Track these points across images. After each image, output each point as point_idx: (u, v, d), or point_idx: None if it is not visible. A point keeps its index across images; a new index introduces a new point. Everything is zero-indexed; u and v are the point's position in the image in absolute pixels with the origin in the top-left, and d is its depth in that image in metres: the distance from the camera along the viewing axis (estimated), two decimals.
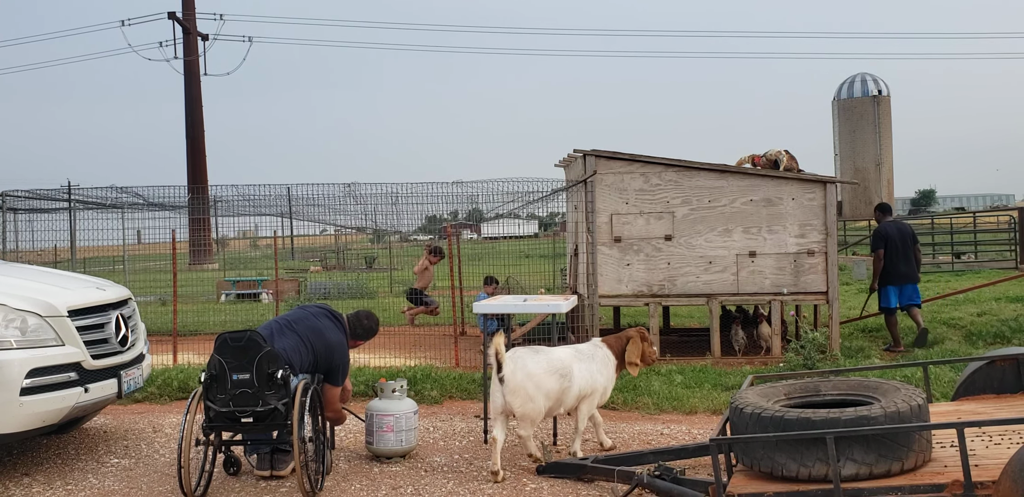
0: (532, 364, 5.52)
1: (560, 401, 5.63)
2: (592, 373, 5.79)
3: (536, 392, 5.47)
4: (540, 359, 5.58)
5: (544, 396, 5.51)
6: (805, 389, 4.80)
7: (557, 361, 5.62)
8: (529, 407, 5.48)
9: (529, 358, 5.56)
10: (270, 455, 5.61)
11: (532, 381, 5.47)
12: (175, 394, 8.43)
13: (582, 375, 5.71)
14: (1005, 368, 5.38)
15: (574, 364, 5.70)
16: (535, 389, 5.47)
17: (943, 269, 20.66)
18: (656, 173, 9.71)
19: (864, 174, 38.27)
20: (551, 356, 5.65)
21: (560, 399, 5.62)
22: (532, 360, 5.55)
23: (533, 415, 5.52)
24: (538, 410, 5.51)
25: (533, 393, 5.46)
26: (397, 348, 11.08)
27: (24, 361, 5.37)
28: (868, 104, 40.45)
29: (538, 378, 5.49)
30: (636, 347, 6.00)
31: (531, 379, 5.47)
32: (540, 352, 5.70)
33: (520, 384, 5.45)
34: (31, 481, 5.68)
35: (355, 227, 16.97)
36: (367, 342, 6.22)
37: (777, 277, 9.57)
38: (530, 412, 5.50)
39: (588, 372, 5.76)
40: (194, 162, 39.47)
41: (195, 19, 40.23)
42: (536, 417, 5.55)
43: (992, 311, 11.87)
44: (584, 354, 5.85)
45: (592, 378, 5.77)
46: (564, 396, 5.62)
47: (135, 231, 14.06)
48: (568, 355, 5.76)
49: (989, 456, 4.18)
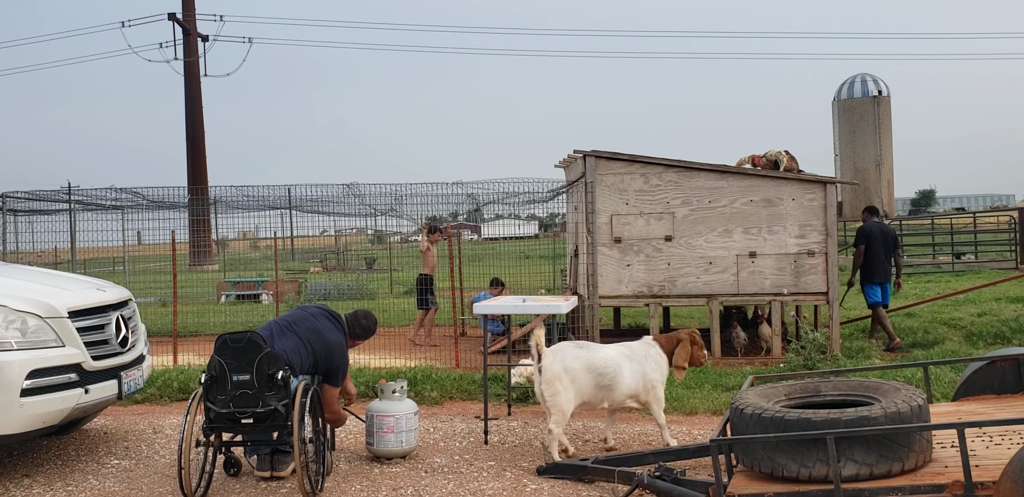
0: (571, 358, 5.68)
1: (599, 398, 5.76)
2: (645, 372, 5.89)
3: (569, 386, 5.62)
4: (581, 355, 5.73)
5: (576, 391, 5.65)
6: (805, 390, 4.80)
7: (600, 359, 5.75)
8: (559, 399, 5.61)
9: (570, 352, 5.74)
10: (270, 456, 5.61)
11: (568, 375, 5.63)
12: (175, 395, 8.43)
13: (633, 376, 5.82)
14: (1005, 368, 5.38)
15: (623, 363, 5.81)
16: (569, 382, 5.63)
17: (943, 269, 20.66)
18: (656, 174, 9.72)
19: (864, 174, 38.28)
20: (595, 354, 5.79)
21: (597, 396, 5.75)
22: (572, 355, 5.71)
23: (562, 406, 5.63)
24: (567, 403, 5.63)
25: (566, 385, 5.62)
26: (397, 349, 11.09)
27: (24, 362, 5.36)
28: (868, 104, 40.45)
29: (574, 372, 5.64)
30: (685, 350, 6.08)
31: (567, 372, 5.63)
32: (584, 348, 5.85)
33: (556, 375, 5.62)
34: (31, 482, 5.68)
35: (355, 228, 16.98)
36: (366, 342, 6.23)
37: (777, 278, 9.57)
38: (560, 403, 5.62)
39: (640, 371, 5.87)
40: (194, 163, 39.51)
41: (195, 20, 40.27)
42: (565, 409, 5.65)
43: (992, 311, 11.87)
44: (637, 353, 5.95)
45: (645, 376, 5.88)
46: (604, 393, 5.75)
47: (135, 232, 14.05)
48: (617, 354, 5.87)
49: (990, 456, 4.18)
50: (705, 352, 6.29)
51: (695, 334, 6.23)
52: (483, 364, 6.90)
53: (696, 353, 6.14)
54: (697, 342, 6.17)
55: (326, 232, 22.16)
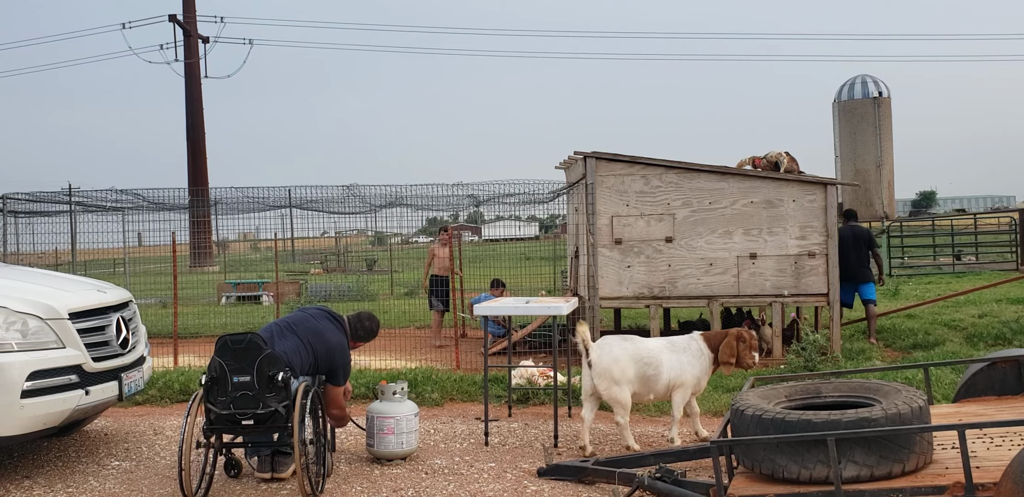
0: (618, 350, 6.00)
1: (647, 387, 6.01)
2: (683, 364, 6.08)
3: (621, 376, 5.94)
4: (627, 346, 6.03)
5: (628, 381, 5.93)
6: (806, 391, 4.80)
7: (644, 350, 6.03)
8: (614, 390, 5.95)
9: (616, 345, 6.05)
10: (271, 457, 5.60)
11: (617, 366, 5.94)
12: (176, 396, 8.43)
13: (671, 365, 6.04)
14: (1006, 370, 5.38)
15: (663, 354, 6.05)
16: (620, 373, 5.93)
17: (944, 271, 20.65)
18: (657, 175, 9.71)
19: (865, 176, 38.16)
20: (639, 345, 6.07)
21: (646, 385, 6.00)
22: (619, 347, 6.02)
23: (619, 398, 5.95)
24: (623, 393, 5.95)
25: (618, 377, 5.93)
26: (398, 350, 11.09)
27: (25, 364, 5.37)
28: (869, 106, 40.34)
29: (623, 363, 5.94)
30: (729, 347, 6.16)
31: (616, 364, 5.94)
32: (628, 340, 6.12)
33: (606, 368, 5.94)
34: (32, 484, 5.68)
35: (356, 229, 16.98)
36: (367, 344, 6.23)
37: (778, 279, 9.57)
38: (616, 395, 5.95)
39: (679, 363, 6.07)
40: (195, 164, 39.52)
41: (196, 21, 40.29)
42: (623, 400, 5.96)
43: (993, 313, 11.85)
44: (677, 346, 6.16)
45: (682, 369, 6.07)
46: (650, 383, 6.01)
47: (136, 233, 14.06)
48: (659, 346, 6.13)
49: (990, 458, 4.17)
50: (755, 354, 6.27)
51: (744, 333, 6.23)
52: (484, 365, 6.90)
53: (742, 352, 6.15)
54: (746, 341, 6.17)
55: (326, 233, 22.18)
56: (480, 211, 13.40)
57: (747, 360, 6.18)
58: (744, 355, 6.17)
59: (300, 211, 13.25)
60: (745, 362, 6.18)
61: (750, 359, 6.20)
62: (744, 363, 6.19)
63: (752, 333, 6.28)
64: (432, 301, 11.95)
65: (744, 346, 6.16)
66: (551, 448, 6.21)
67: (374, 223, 14.38)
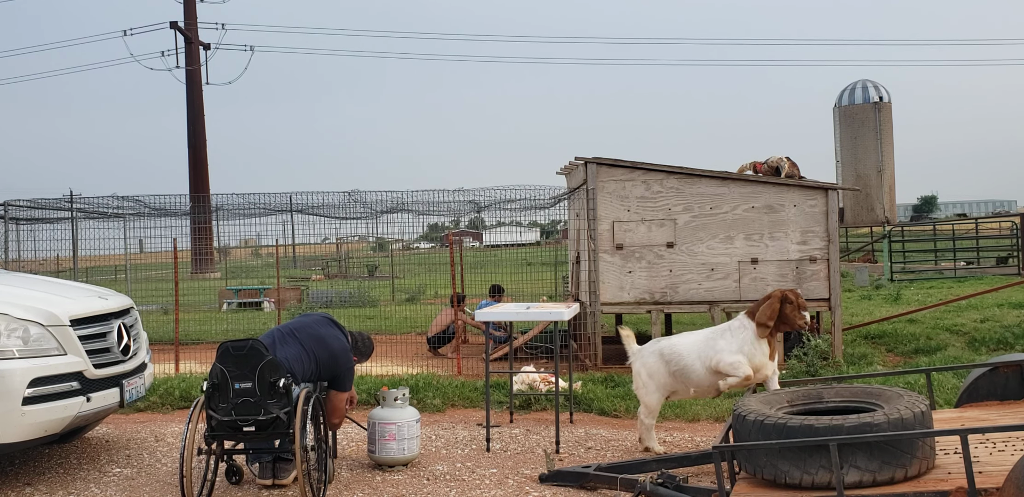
0: (647, 353, 6.08)
1: (681, 384, 5.96)
2: (715, 347, 5.78)
3: (648, 379, 6.03)
4: (657, 348, 6.05)
5: (658, 384, 6.01)
6: (808, 396, 4.79)
7: (668, 347, 6.00)
8: (641, 392, 6.10)
9: (648, 348, 6.12)
10: (272, 464, 5.60)
11: (646, 369, 6.04)
12: (177, 403, 8.42)
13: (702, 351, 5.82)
14: (1008, 374, 5.37)
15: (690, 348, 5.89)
16: (647, 376, 6.04)
17: (945, 275, 20.64)
18: (658, 180, 9.72)
19: (866, 180, 38.30)
20: (668, 342, 6.06)
21: (676, 383, 5.97)
22: (649, 349, 6.09)
23: (646, 400, 6.07)
24: (648, 396, 6.04)
25: (645, 380, 6.05)
26: (399, 356, 11.08)
27: (26, 370, 5.36)
28: (869, 111, 40.51)
29: (650, 367, 6.02)
30: (770, 308, 5.74)
31: (645, 368, 6.05)
32: (665, 339, 6.13)
33: (636, 372, 6.14)
34: (33, 491, 5.67)
35: (357, 235, 16.98)
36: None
37: (779, 284, 9.56)
38: (643, 397, 6.09)
39: (708, 347, 5.81)
40: (196, 171, 39.55)
41: (197, 28, 40.38)
42: (648, 401, 6.06)
43: (995, 317, 11.84)
44: (716, 331, 5.95)
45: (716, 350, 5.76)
46: (682, 379, 5.93)
47: (137, 240, 14.05)
48: (692, 339, 5.98)
49: (993, 463, 4.16)
50: (805, 313, 5.82)
51: (788, 292, 5.81)
52: (485, 371, 6.89)
53: (789, 312, 5.73)
54: (791, 301, 5.76)
55: (327, 240, 22.17)
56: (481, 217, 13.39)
57: (797, 321, 5.76)
58: (794, 316, 5.77)
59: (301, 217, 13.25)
60: (795, 323, 5.78)
61: (800, 320, 5.79)
62: (793, 324, 5.77)
63: (797, 292, 5.89)
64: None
65: (791, 307, 5.76)
66: (553, 454, 6.21)
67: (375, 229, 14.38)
